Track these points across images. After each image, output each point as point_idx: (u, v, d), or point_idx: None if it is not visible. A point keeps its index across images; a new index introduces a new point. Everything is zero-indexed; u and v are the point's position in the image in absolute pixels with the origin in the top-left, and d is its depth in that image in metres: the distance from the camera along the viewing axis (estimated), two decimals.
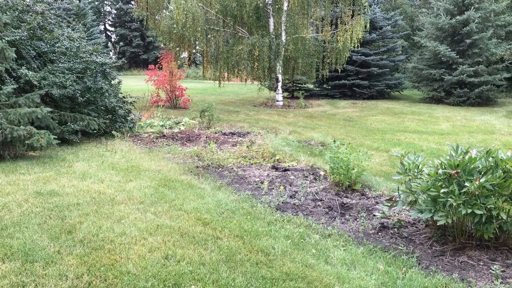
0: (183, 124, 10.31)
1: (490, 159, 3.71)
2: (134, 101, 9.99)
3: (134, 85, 20.79)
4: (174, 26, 14.78)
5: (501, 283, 3.19)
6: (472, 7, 17.04)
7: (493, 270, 3.38)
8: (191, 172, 6.20)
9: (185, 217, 4.22)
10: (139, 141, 8.53)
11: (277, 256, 3.45)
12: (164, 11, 16.62)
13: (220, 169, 6.48)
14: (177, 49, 16.44)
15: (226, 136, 9.27)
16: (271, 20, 15.51)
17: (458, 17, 17.07)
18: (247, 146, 7.71)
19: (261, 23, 15.89)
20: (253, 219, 4.28)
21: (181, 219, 4.18)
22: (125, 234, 3.76)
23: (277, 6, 15.51)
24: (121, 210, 4.37)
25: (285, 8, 15.30)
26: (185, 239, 3.69)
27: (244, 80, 17.59)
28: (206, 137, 8.97)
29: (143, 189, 5.15)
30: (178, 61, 16.64)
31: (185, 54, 19.63)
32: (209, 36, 15.60)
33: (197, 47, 20.43)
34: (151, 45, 41.50)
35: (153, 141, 8.50)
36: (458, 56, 17.01)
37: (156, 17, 16.22)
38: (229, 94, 20.54)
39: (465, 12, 16.97)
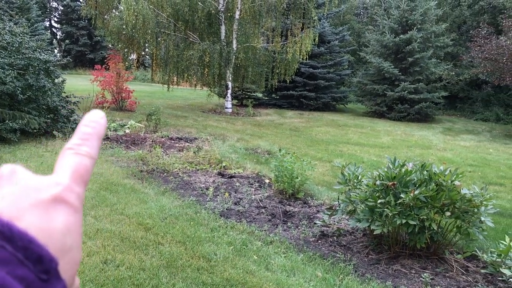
0: (128, 127, 10.10)
1: (425, 172, 3.92)
2: (78, 101, 9.69)
3: (79, 85, 20.13)
4: (124, 27, 14.49)
5: None
6: (415, 28, 17.93)
7: (423, 278, 3.57)
8: (135, 176, 6.10)
9: (126, 222, 4.15)
10: None
11: (219, 262, 3.47)
12: (114, 11, 16.26)
13: (165, 174, 6.41)
14: (126, 50, 16.11)
15: (173, 141, 9.18)
16: (223, 28, 15.57)
17: (402, 36, 17.90)
18: (194, 152, 7.68)
19: (213, 30, 15.90)
20: (197, 225, 4.27)
21: (122, 223, 4.11)
22: None
23: (229, 14, 15.60)
24: None
25: (237, 16, 15.41)
26: (125, 244, 3.63)
27: (193, 85, 17.48)
28: (152, 141, 8.84)
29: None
30: (126, 63, 16.29)
31: (133, 56, 19.26)
32: (159, 39, 15.42)
33: (147, 50, 20.14)
34: (99, 44, 40.36)
35: None
36: (400, 73, 17.80)
37: (105, 16, 15.84)
38: (178, 99, 20.35)
39: (408, 32, 17.82)
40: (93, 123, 0.45)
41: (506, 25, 15.57)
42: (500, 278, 3.67)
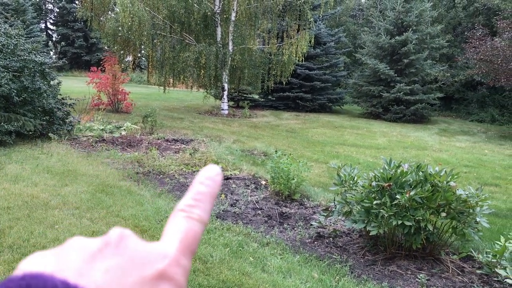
0: (124, 129, 10.09)
1: (420, 173, 3.93)
2: (73, 103, 9.67)
3: (75, 86, 20.08)
4: (120, 29, 14.48)
5: None
6: (410, 29, 17.99)
7: (419, 279, 3.58)
8: (131, 178, 6.09)
9: (122, 224, 4.14)
10: (77, 144, 8.26)
11: (215, 264, 3.47)
12: (110, 13, 16.24)
13: (161, 176, 6.40)
14: (122, 52, 16.09)
15: (169, 143, 9.17)
16: (219, 29, 15.58)
17: (397, 37, 17.96)
18: (190, 154, 7.68)
19: (209, 32, 15.91)
20: None
21: (118, 225, 4.10)
22: (58, 240, 3.64)
23: (225, 16, 15.61)
24: (55, 215, 4.22)
25: (233, 18, 15.42)
26: None
27: (189, 87, 17.48)
28: (148, 143, 8.83)
29: (80, 194, 5.00)
30: (122, 65, 16.27)
31: (129, 58, 19.23)
32: (155, 41, 15.41)
33: (143, 51, 20.11)
34: (95, 46, 40.28)
35: (92, 145, 8.26)
36: (396, 75, 17.85)
37: (101, 18, 15.81)
38: (174, 101, 20.34)
39: (404, 33, 17.88)
40: (208, 180, 0.42)
41: (501, 27, 15.65)
42: (495, 279, 3.68)
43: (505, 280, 3.40)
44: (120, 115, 13.47)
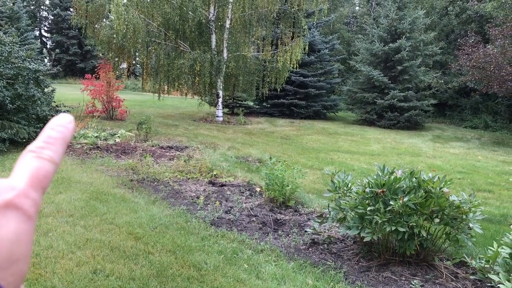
0: (119, 136, 10.07)
1: (414, 179, 3.95)
2: (68, 111, 9.65)
3: (69, 94, 20.06)
4: (114, 36, 14.49)
5: None
6: (404, 36, 18.13)
7: (413, 285, 3.59)
8: (125, 185, 6.07)
9: (116, 231, 4.13)
10: (72, 152, 8.23)
11: (209, 271, 3.46)
12: (104, 20, 16.25)
13: (155, 183, 6.39)
14: (116, 59, 16.09)
15: (164, 150, 9.17)
16: (213, 37, 15.63)
17: (391, 44, 18.09)
18: (185, 161, 7.68)
19: (204, 39, 15.95)
20: (187, 234, 4.26)
21: (112, 233, 4.09)
22: (52, 247, 3.62)
23: (219, 23, 15.67)
24: (48, 223, 4.20)
25: (227, 25, 15.49)
26: (115, 254, 3.61)
27: (184, 94, 17.49)
28: (143, 150, 8.82)
29: (73, 202, 4.98)
30: (117, 72, 16.26)
31: (124, 65, 19.23)
32: (150, 48, 15.43)
33: (137, 59, 20.11)
34: (89, 54, 40.25)
35: (86, 153, 8.24)
36: (390, 81, 17.96)
37: (96, 25, 15.82)
38: (169, 108, 20.34)
39: (397, 40, 18.01)
40: (60, 127, 0.43)
41: (493, 34, 15.80)
42: (488, 284, 3.69)
43: (498, 285, 3.41)
44: (114, 122, 13.44)
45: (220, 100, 16.28)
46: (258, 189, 6.39)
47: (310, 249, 4.29)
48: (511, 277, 3.29)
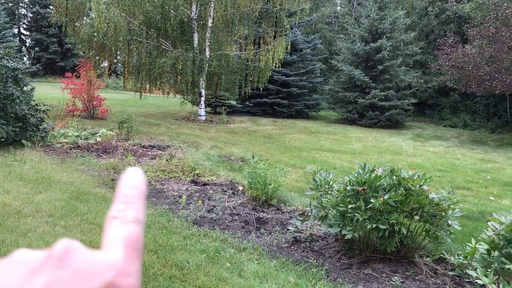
0: (99, 135, 9.96)
1: (394, 177, 4.00)
2: (47, 110, 9.49)
3: (49, 93, 19.75)
4: (95, 34, 14.32)
5: None
6: (385, 36, 18.33)
7: (394, 282, 3.64)
8: (106, 185, 6.01)
9: (97, 231, 4.09)
10: (52, 151, 8.11)
11: (191, 270, 3.45)
12: (85, 18, 16.05)
13: None
14: (97, 58, 15.90)
15: (145, 149, 9.10)
16: (196, 35, 15.56)
17: (372, 44, 18.27)
18: (167, 160, 7.63)
19: (186, 38, 15.87)
20: (169, 233, 4.25)
21: (93, 233, 4.05)
22: (31, 247, 3.56)
23: (202, 22, 15.61)
24: (28, 223, 4.14)
25: (209, 24, 15.44)
26: None
27: (166, 93, 17.38)
28: (124, 149, 8.74)
29: (53, 202, 4.91)
30: (98, 70, 16.08)
31: (105, 64, 19.04)
32: (131, 46, 15.28)
33: (119, 57, 19.93)
34: (70, 52, 39.66)
35: (67, 152, 8.13)
36: (371, 81, 18.14)
37: (76, 23, 15.61)
38: (151, 107, 20.19)
39: (378, 40, 18.20)
40: (132, 181, 0.41)
41: (471, 34, 16.07)
42: (467, 280, 3.77)
43: (476, 281, 3.48)
44: (95, 121, 13.29)
45: (203, 99, 16.23)
46: (240, 188, 6.40)
47: (292, 247, 4.32)
48: (488, 272, 3.36)
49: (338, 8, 35.44)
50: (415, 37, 21.96)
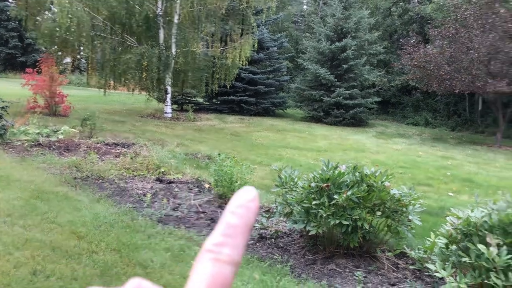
0: (62, 133, 9.70)
1: (357, 174, 4.07)
2: (7, 106, 9.17)
3: (9, 89, 19.11)
4: (57, 29, 13.92)
5: (362, 287, 3.51)
6: (349, 35, 18.62)
7: (356, 276, 3.71)
8: (68, 183, 5.87)
9: (58, 231, 3.99)
10: (11, 149, 7.85)
11: (156, 269, 3.42)
12: (47, 12, 15.59)
13: (100, 180, 6.22)
14: (60, 53, 15.51)
15: (109, 147, 8.93)
16: (162, 32, 15.37)
17: (337, 43, 18.53)
18: (131, 158, 7.51)
19: (151, 34, 15.65)
20: (133, 232, 4.19)
21: (53, 232, 3.94)
22: None
23: (168, 18, 15.43)
24: None
25: (176, 21, 15.27)
26: (57, 254, 3.49)
27: (131, 90, 17.09)
28: (87, 147, 8.54)
29: (12, 201, 4.76)
30: (60, 66, 15.66)
31: (68, 59, 18.59)
32: (95, 42, 14.94)
33: (82, 53, 19.45)
34: (31, 47, 38.34)
35: (27, 150, 7.88)
36: (336, 80, 18.40)
37: (37, 18, 15.13)
38: (115, 104, 19.81)
39: (343, 39, 18.47)
40: (241, 209, 0.37)
41: (432, 35, 16.55)
42: (426, 273, 3.88)
43: (435, 274, 3.59)
44: (57, 118, 12.94)
45: (169, 96, 16.05)
46: (207, 186, 6.37)
47: (257, 244, 4.34)
48: (446, 265, 3.47)
49: (305, 7, 35.75)
50: (379, 36, 22.41)
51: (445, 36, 15.85)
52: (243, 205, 0.37)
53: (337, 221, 3.75)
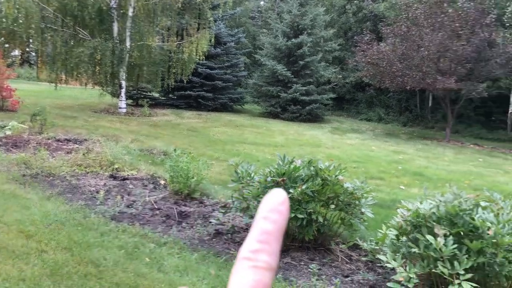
0: (10, 128, 9.28)
1: (312, 168, 4.14)
2: None
3: None
4: (3, 20, 13.30)
5: (317, 279, 3.57)
6: (305, 32, 18.83)
7: (311, 269, 3.77)
8: (16, 181, 5.63)
9: (4, 230, 3.83)
10: None
11: (109, 267, 3.34)
12: None
13: (51, 178, 6.01)
14: (7, 45, 14.81)
15: (61, 143, 8.63)
16: (115, 25, 14.98)
17: (293, 39, 18.69)
18: (84, 154, 7.29)
19: (105, 27, 15.24)
20: (85, 230, 4.07)
21: (0, 231, 3.78)
22: None
23: (122, 11, 15.06)
24: None
25: (130, 14, 14.93)
26: (3, 254, 3.34)
27: (84, 84, 16.58)
28: (37, 143, 8.22)
29: None
30: (8, 59, 14.99)
31: (16, 52, 17.80)
32: (45, 34, 14.39)
33: (31, 46, 18.69)
34: None
35: None
36: (293, 76, 18.57)
37: None
38: (67, 98, 19.15)
39: (300, 36, 18.66)
40: (273, 213, 0.37)
41: (385, 32, 16.99)
42: (378, 264, 4.00)
43: (386, 265, 3.70)
44: (5, 113, 12.37)
45: (123, 91, 15.69)
46: (162, 182, 6.29)
47: (214, 239, 4.33)
48: (397, 256, 3.59)
49: (262, 2, 35.83)
50: (334, 34, 22.79)
51: (397, 34, 16.31)
52: (274, 209, 0.37)
53: (293, 215, 3.80)
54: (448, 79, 14.46)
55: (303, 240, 4.13)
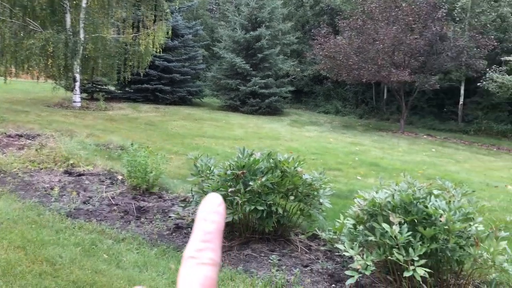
0: None
1: (271, 160, 4.17)
2: None
3: None
4: None
5: (277, 270, 3.62)
6: (263, 25, 18.86)
7: (271, 260, 3.81)
8: None
9: None
10: None
11: (65, 264, 3.26)
12: None
13: (1, 175, 5.77)
14: None
15: (12, 139, 8.30)
16: (68, 16, 14.49)
17: (252, 32, 18.69)
18: (36, 150, 7.04)
19: (57, 18, 14.71)
20: (39, 227, 3.95)
21: None
22: None
23: (75, 2, 14.57)
24: None
25: (84, 5, 14.47)
26: None
27: (36, 77, 15.96)
28: None
29: None
30: None
31: None
32: None
33: None
34: None
35: None
36: (251, 69, 18.59)
37: None
38: (18, 92, 18.39)
39: (258, 29, 18.67)
40: (212, 215, 0.40)
41: (342, 26, 17.28)
42: (337, 254, 4.09)
43: (344, 253, 3.79)
44: None
45: (78, 84, 15.23)
46: (120, 177, 6.17)
47: (173, 234, 4.29)
48: (354, 245, 3.68)
49: None
50: (292, 27, 22.94)
51: (353, 28, 16.62)
52: (213, 211, 0.41)
53: (253, 207, 3.82)
54: (402, 72, 14.89)
55: (263, 231, 4.16)
